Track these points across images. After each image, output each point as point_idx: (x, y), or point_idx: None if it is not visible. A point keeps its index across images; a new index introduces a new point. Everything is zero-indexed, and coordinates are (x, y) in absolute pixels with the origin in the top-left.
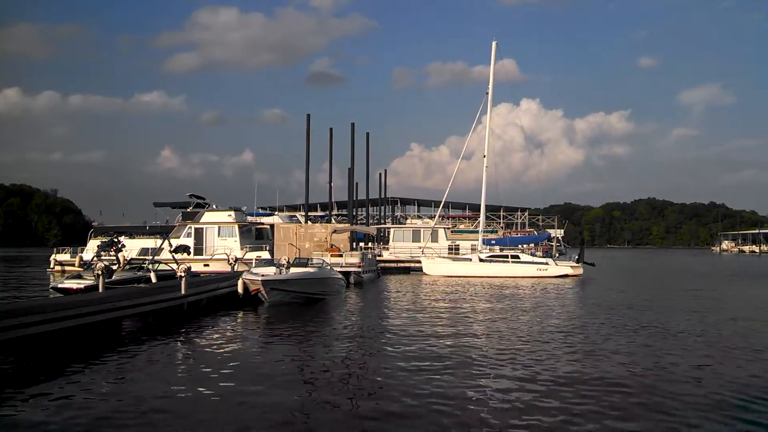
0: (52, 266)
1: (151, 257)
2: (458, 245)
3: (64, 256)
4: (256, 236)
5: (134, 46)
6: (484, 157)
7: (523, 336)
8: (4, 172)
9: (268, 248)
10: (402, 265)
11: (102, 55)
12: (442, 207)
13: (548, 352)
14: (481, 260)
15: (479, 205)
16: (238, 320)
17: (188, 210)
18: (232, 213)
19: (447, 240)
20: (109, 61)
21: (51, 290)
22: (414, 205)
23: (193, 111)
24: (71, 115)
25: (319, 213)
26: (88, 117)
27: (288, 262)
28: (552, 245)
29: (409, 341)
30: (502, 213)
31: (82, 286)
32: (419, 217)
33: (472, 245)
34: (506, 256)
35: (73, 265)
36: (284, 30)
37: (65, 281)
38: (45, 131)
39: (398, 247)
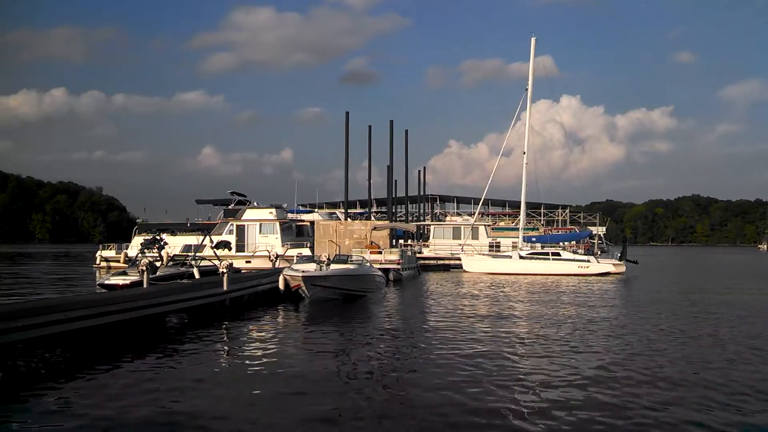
0: (97, 263)
1: (193, 254)
2: (499, 242)
3: (110, 253)
4: (296, 233)
5: (172, 47)
6: (524, 153)
7: (564, 336)
8: (51, 171)
9: (308, 245)
10: (442, 262)
11: (141, 55)
12: (482, 204)
13: (591, 351)
14: (521, 258)
15: (519, 202)
16: (279, 316)
17: (230, 207)
18: (273, 210)
19: (487, 237)
20: (149, 61)
21: (97, 286)
22: (453, 202)
23: (231, 110)
24: (114, 115)
25: (359, 210)
26: (130, 116)
27: (328, 258)
28: (593, 243)
29: (448, 339)
30: (542, 210)
31: (127, 282)
32: (459, 215)
33: (512, 242)
34: (547, 254)
35: (119, 261)
36: (319, 29)
37: (111, 277)
38: (89, 130)
39: (438, 245)
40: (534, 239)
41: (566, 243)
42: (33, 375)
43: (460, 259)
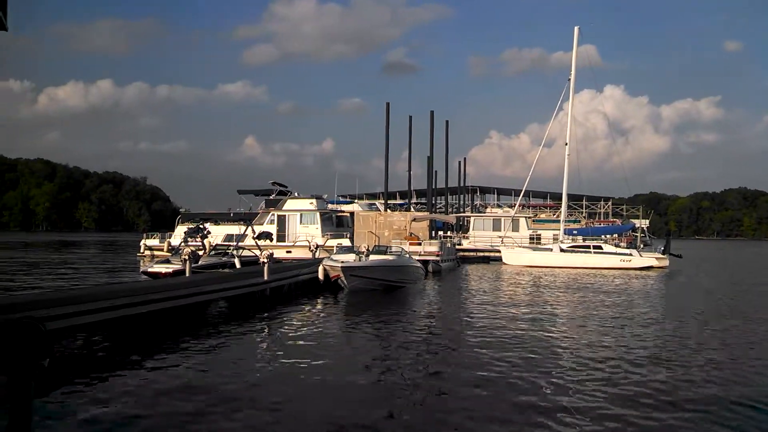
0: (142, 251)
1: (235, 243)
2: (540, 235)
3: (153, 242)
4: (336, 224)
5: (215, 39)
6: (566, 144)
7: (605, 332)
8: (97, 161)
9: (348, 236)
10: (481, 254)
11: (185, 47)
12: (523, 195)
13: (633, 348)
14: (562, 250)
15: (561, 194)
16: (318, 306)
17: (271, 197)
18: (314, 201)
19: (528, 229)
20: (192, 53)
21: (141, 274)
22: (493, 193)
23: (273, 101)
24: (158, 106)
25: (399, 201)
26: (174, 107)
27: (368, 249)
28: (636, 236)
29: (487, 331)
30: (584, 202)
31: (170, 270)
32: (499, 206)
33: (553, 235)
34: (588, 247)
35: (162, 250)
36: (360, 20)
37: (154, 266)
38: (134, 121)
39: (478, 236)
40: (575, 232)
41: (608, 236)
42: (78, 361)
43: (499, 251)
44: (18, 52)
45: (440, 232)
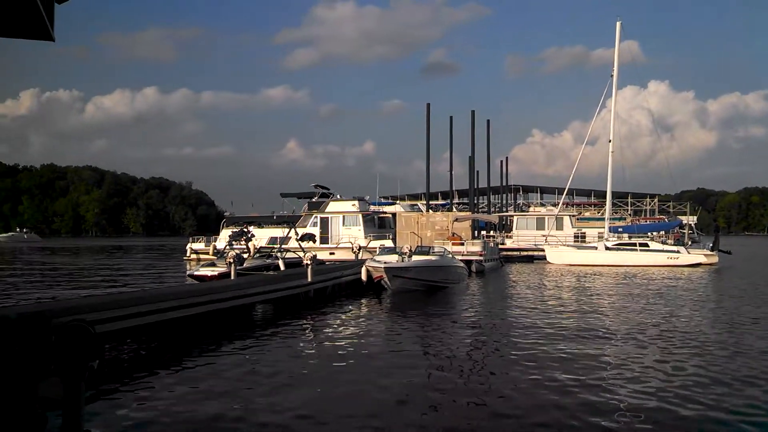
0: (188, 255)
1: (279, 246)
2: (584, 233)
3: (199, 245)
4: (378, 225)
5: (257, 44)
6: (610, 141)
7: (653, 332)
8: (144, 167)
9: (390, 237)
10: (525, 253)
11: (227, 53)
12: (566, 194)
13: (685, 349)
14: (607, 248)
15: (605, 192)
16: (362, 307)
17: (313, 200)
18: (356, 202)
19: (572, 228)
20: (235, 59)
21: (187, 277)
22: (536, 192)
23: (314, 104)
24: (202, 112)
25: (440, 201)
26: (217, 113)
27: (410, 250)
28: (684, 233)
29: (531, 332)
30: (629, 199)
31: (215, 273)
32: (542, 205)
33: (598, 233)
34: (634, 244)
35: (207, 253)
36: (399, 21)
37: (200, 269)
38: (179, 127)
39: (521, 236)
40: (621, 229)
41: (655, 233)
42: (126, 364)
43: (543, 250)
44: (66, 62)
45: (483, 232)
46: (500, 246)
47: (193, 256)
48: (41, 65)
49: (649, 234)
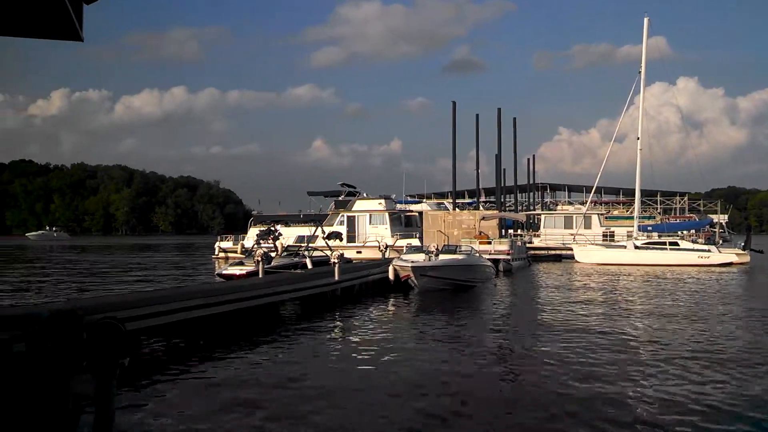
0: (216, 253)
1: (306, 244)
2: (613, 232)
3: (227, 244)
4: (405, 223)
5: (283, 43)
6: (638, 139)
7: (683, 333)
8: (172, 166)
9: (417, 235)
10: (553, 252)
11: (253, 52)
12: (594, 192)
13: (715, 352)
14: (636, 247)
15: (634, 190)
16: (389, 306)
17: (340, 198)
18: (383, 201)
19: (600, 226)
20: (261, 57)
21: (216, 276)
22: (564, 190)
23: (340, 102)
24: (229, 111)
25: (467, 200)
26: (244, 111)
27: (437, 249)
28: (715, 231)
29: (559, 332)
30: (658, 198)
31: (244, 272)
32: (570, 203)
33: (627, 232)
34: (664, 243)
35: (236, 252)
36: (424, 19)
37: (228, 267)
38: (206, 126)
39: (549, 234)
40: (650, 228)
41: (685, 232)
42: (155, 361)
43: (571, 249)
44: (95, 62)
45: (510, 231)
46: (528, 245)
47: (221, 254)
48: (71, 66)
49: (679, 233)
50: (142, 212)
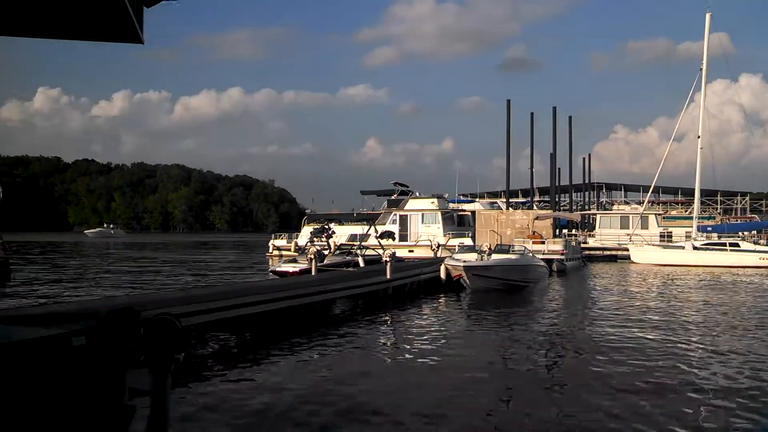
0: (270, 251)
1: (359, 243)
2: (671, 232)
3: (281, 242)
4: (457, 223)
5: (337, 43)
6: (698, 137)
7: (745, 340)
8: (229, 165)
9: (470, 235)
10: (608, 252)
11: (309, 53)
12: (652, 192)
13: None
14: (695, 248)
15: (693, 190)
16: (441, 305)
17: (393, 197)
18: (435, 200)
19: (658, 227)
20: (316, 58)
21: (270, 273)
22: (620, 190)
23: (393, 102)
24: (285, 111)
25: (521, 199)
26: (299, 111)
27: (489, 248)
28: None
29: (615, 334)
30: (719, 198)
31: (297, 269)
32: (626, 203)
33: (686, 232)
34: (724, 244)
35: (289, 250)
36: (477, 17)
37: (282, 265)
38: (262, 126)
39: (604, 234)
40: (710, 229)
41: (746, 233)
42: (210, 356)
43: (627, 249)
44: (155, 64)
45: (564, 231)
46: (582, 245)
47: (275, 252)
48: (132, 68)
49: (739, 233)
50: (199, 210)
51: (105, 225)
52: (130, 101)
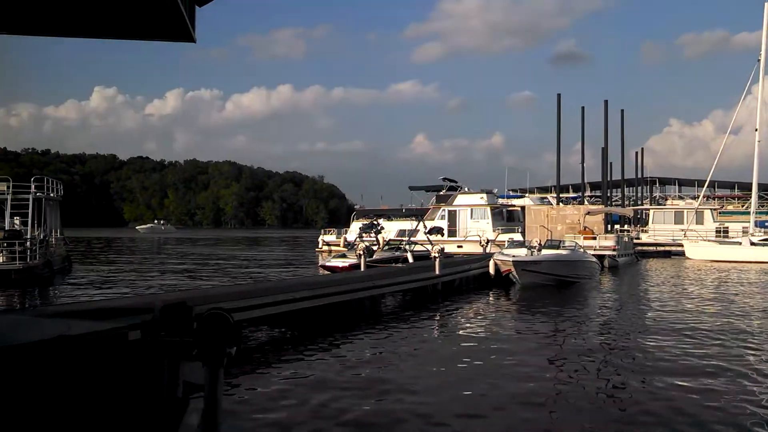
0: (320, 246)
1: (407, 238)
2: (727, 228)
3: (330, 237)
4: (507, 218)
5: (386, 40)
6: (756, 130)
7: None
8: (279, 162)
9: (519, 230)
10: (662, 248)
11: (357, 50)
12: (707, 186)
13: None
14: (753, 244)
15: (750, 184)
16: (490, 301)
17: (441, 193)
18: (484, 195)
19: (714, 222)
20: (364, 55)
21: (320, 268)
22: (674, 184)
23: (442, 97)
24: (334, 107)
25: (571, 194)
26: (348, 108)
27: (539, 244)
28: None
29: (669, 334)
30: None
31: (346, 264)
32: (680, 198)
33: (743, 228)
34: None
35: (339, 245)
36: (526, 12)
37: (332, 260)
38: (312, 123)
39: (658, 230)
40: None
41: None
42: (260, 351)
43: (682, 245)
44: (207, 62)
45: (616, 226)
46: (635, 240)
47: (325, 247)
48: (185, 67)
49: None
50: (250, 206)
51: (155, 221)
52: (182, 99)
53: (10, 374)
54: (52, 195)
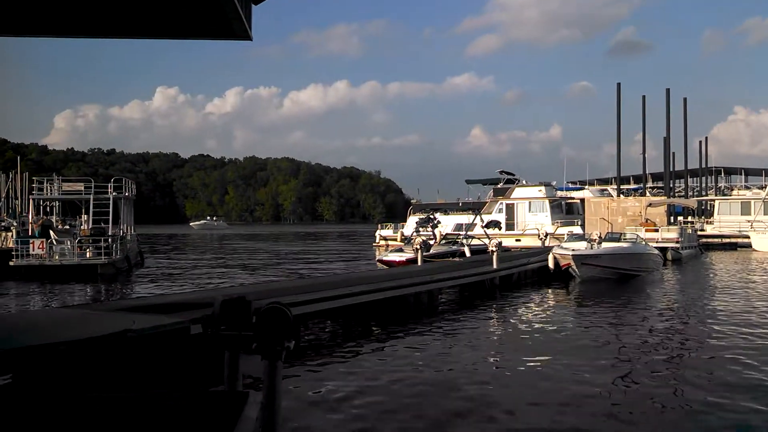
0: (377, 241)
1: (464, 232)
2: None
3: (387, 232)
4: (566, 211)
5: (441, 33)
6: None
7: None
8: (336, 157)
9: (579, 223)
10: (727, 240)
11: (413, 44)
12: None
13: None
14: None
15: None
16: (549, 295)
17: (499, 186)
18: (543, 188)
19: None
20: (420, 49)
21: (377, 262)
22: (740, 174)
23: (498, 90)
24: (390, 102)
25: (632, 186)
26: (404, 102)
27: (600, 237)
28: None
29: (735, 328)
30: None
31: (403, 258)
32: (747, 188)
33: None
34: None
35: (395, 240)
36: (583, 2)
37: (389, 255)
38: (368, 118)
39: (723, 221)
40: None
41: None
42: (318, 346)
43: (748, 237)
44: (265, 60)
45: (680, 218)
46: (699, 232)
47: (382, 242)
48: (243, 65)
49: None
50: (308, 202)
51: (208, 218)
52: (241, 97)
53: (80, 366)
54: (127, 194)
